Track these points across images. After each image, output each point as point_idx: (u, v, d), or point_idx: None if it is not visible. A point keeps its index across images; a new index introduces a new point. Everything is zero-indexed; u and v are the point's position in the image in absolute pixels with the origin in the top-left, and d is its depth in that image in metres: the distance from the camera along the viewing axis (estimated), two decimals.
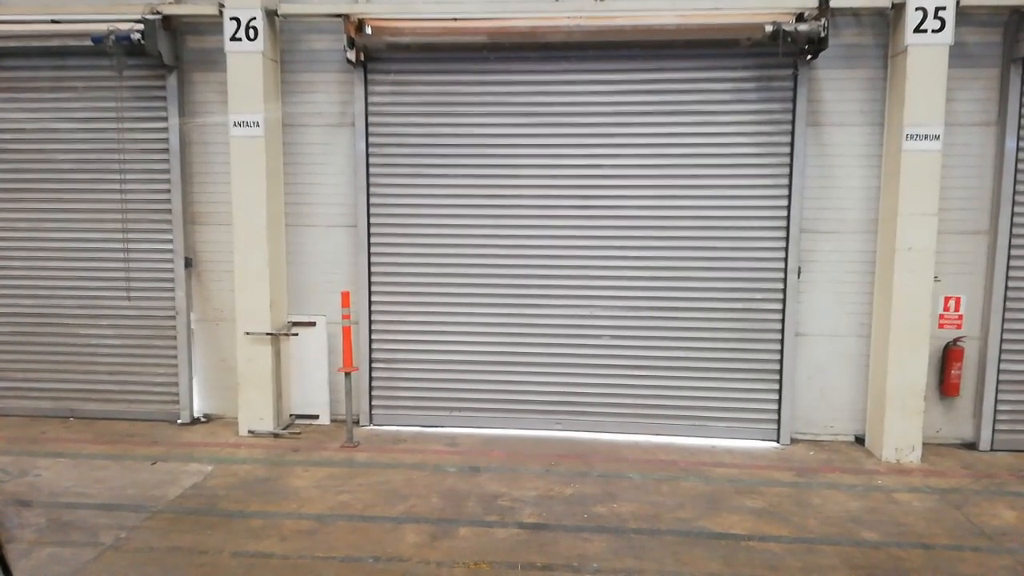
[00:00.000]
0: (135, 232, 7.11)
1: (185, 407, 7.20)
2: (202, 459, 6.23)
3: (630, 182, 6.75)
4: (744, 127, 6.65)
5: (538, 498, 5.43)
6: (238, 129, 6.64)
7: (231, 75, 6.61)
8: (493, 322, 7.01)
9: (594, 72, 6.72)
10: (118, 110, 6.98)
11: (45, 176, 7.15)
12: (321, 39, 6.98)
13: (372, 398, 7.20)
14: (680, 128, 6.68)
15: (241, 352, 6.82)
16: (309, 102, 7.06)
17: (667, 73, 6.67)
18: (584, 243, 6.84)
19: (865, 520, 5.11)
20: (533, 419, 7.03)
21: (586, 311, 6.89)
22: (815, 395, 6.80)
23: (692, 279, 6.76)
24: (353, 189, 7.03)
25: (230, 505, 5.29)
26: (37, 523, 4.98)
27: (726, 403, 6.82)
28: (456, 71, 6.84)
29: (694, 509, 5.26)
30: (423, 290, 7.06)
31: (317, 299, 7.20)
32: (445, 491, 5.56)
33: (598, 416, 6.96)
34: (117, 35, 6.59)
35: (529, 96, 6.80)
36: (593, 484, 5.71)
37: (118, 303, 7.21)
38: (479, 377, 7.07)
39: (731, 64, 6.62)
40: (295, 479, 5.80)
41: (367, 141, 6.97)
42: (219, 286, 7.19)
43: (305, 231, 7.16)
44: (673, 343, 6.83)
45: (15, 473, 5.86)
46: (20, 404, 7.40)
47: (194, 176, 7.12)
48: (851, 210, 6.64)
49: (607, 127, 6.73)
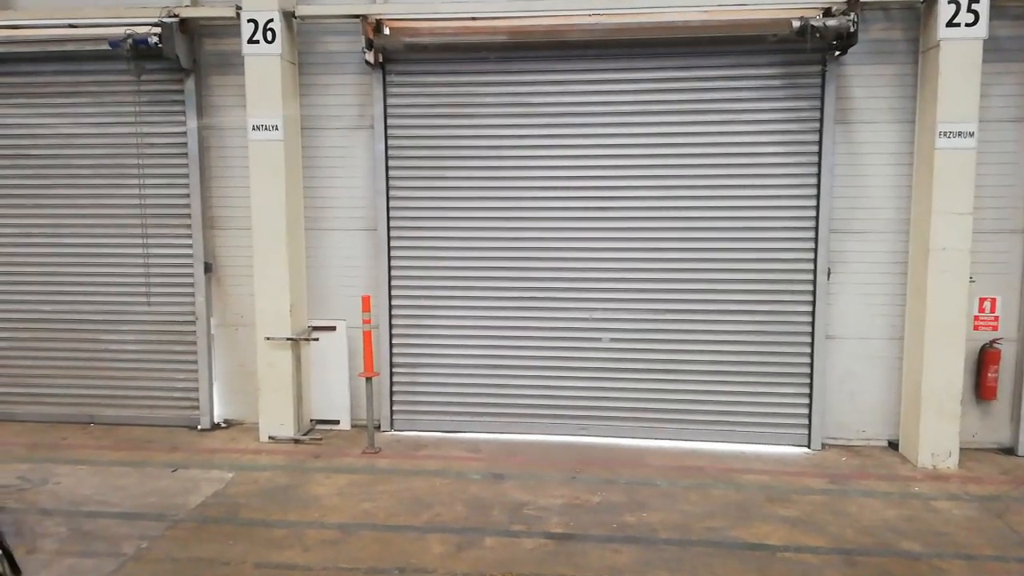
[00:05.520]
0: (154, 237, 7.07)
1: (205, 413, 7.14)
2: (223, 466, 6.16)
3: (654, 183, 6.62)
4: (770, 125, 6.50)
5: (564, 507, 5.31)
6: (257, 132, 6.57)
7: (249, 78, 6.55)
8: (514, 325, 6.90)
9: (616, 71, 6.60)
10: (136, 114, 6.94)
11: (64, 181, 7.13)
12: (339, 41, 6.91)
13: (393, 403, 7.11)
14: (705, 127, 6.54)
15: (261, 357, 6.75)
16: (327, 104, 6.98)
17: (691, 71, 6.53)
18: (608, 245, 6.71)
19: (903, 529, 4.95)
20: (556, 424, 6.91)
21: (609, 314, 6.76)
22: (846, 399, 6.63)
23: (719, 281, 6.62)
24: (372, 192, 6.95)
25: (252, 514, 5.21)
26: (58, 533, 4.92)
27: (755, 408, 6.66)
28: (475, 71, 6.74)
29: (725, 518, 5.12)
30: (444, 293, 6.96)
31: (337, 303, 7.12)
32: (469, 499, 5.45)
33: (623, 421, 6.83)
34: (135, 39, 6.53)
35: (550, 96, 6.68)
36: (620, 492, 5.58)
37: (138, 308, 7.17)
38: (501, 382, 6.95)
39: (757, 61, 6.47)
40: (317, 486, 5.72)
41: (386, 143, 6.88)
42: (238, 291, 7.13)
43: (324, 235, 7.09)
44: (700, 346, 6.68)
45: (36, 481, 5.82)
46: (40, 410, 7.37)
47: (213, 180, 7.06)
48: (882, 209, 6.47)
49: (630, 127, 6.60)
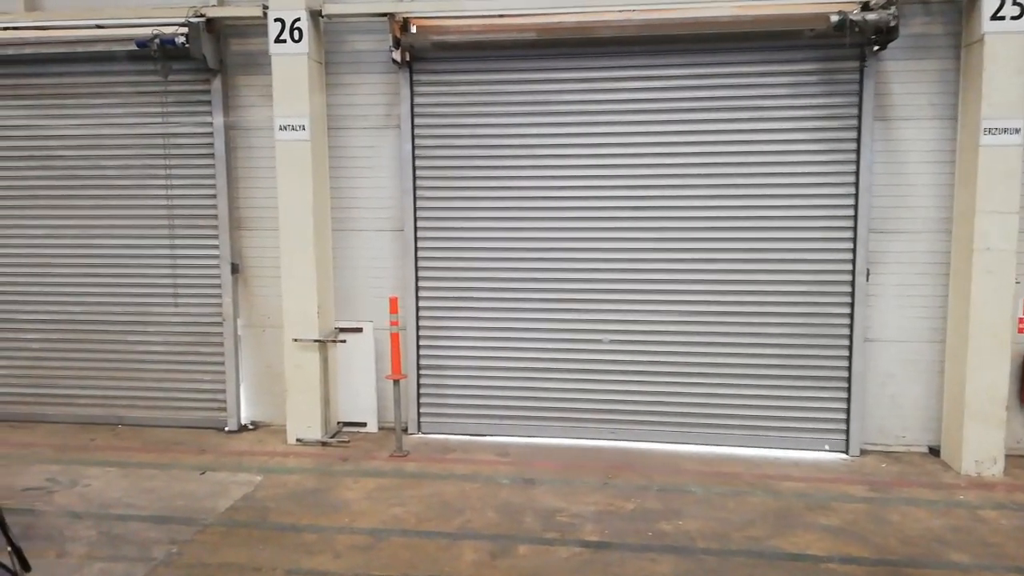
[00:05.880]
0: (182, 238, 7.04)
1: (232, 414, 7.11)
2: (251, 468, 6.11)
3: (686, 181, 6.48)
4: (806, 123, 6.33)
5: (598, 513, 5.20)
6: (284, 132, 6.52)
7: (276, 77, 6.50)
8: (543, 327, 6.79)
9: (646, 68, 6.47)
10: (163, 115, 6.92)
11: (93, 182, 7.12)
12: (365, 40, 6.84)
13: (420, 405, 7.03)
14: (738, 125, 6.39)
15: (289, 359, 6.70)
16: (354, 104, 6.92)
17: (724, 67, 6.38)
18: (637, 245, 6.58)
19: (951, 540, 4.78)
20: (586, 428, 6.79)
21: (640, 315, 6.63)
22: (885, 404, 6.45)
23: (754, 282, 6.46)
24: (399, 192, 6.88)
25: (281, 518, 5.15)
26: (88, 536, 4.89)
27: (791, 412, 6.49)
28: (503, 69, 6.64)
29: (765, 527, 4.98)
30: (471, 295, 6.86)
31: (363, 304, 7.05)
32: (500, 505, 5.36)
33: (655, 425, 6.69)
34: (162, 39, 6.51)
35: (578, 94, 6.56)
36: (654, 499, 5.46)
37: (165, 310, 7.15)
38: (529, 384, 6.84)
39: (792, 57, 6.31)
40: (346, 490, 5.65)
41: (413, 143, 6.80)
42: (265, 292, 7.09)
43: (350, 235, 7.02)
44: (734, 349, 6.53)
45: (65, 483, 5.81)
46: (69, 411, 7.38)
47: (239, 180, 7.03)
48: (922, 208, 6.29)
49: (661, 124, 6.47)
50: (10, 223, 7.26)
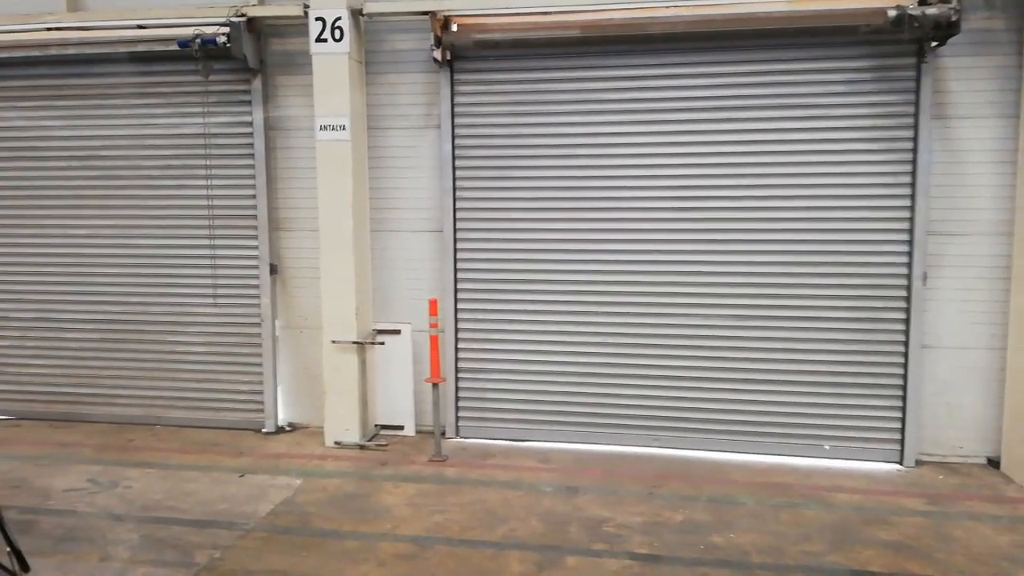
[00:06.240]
0: (221, 238, 7.01)
1: (270, 416, 7.06)
2: (290, 472, 6.05)
3: (736, 182, 6.29)
4: (860, 121, 6.12)
5: (646, 524, 5.04)
6: (324, 132, 6.45)
7: (317, 77, 6.43)
8: (585, 331, 6.64)
9: (695, 65, 6.29)
10: (204, 115, 6.89)
11: (133, 183, 7.11)
12: (406, 39, 6.75)
13: (458, 409, 6.92)
14: (790, 123, 6.19)
15: (327, 361, 6.63)
16: (393, 104, 6.84)
17: (776, 64, 6.18)
18: (684, 247, 6.41)
19: (1021, 559, 4.56)
20: (629, 435, 6.62)
21: (687, 319, 6.46)
22: (942, 413, 6.21)
23: (805, 286, 6.26)
24: (439, 193, 6.78)
25: (323, 524, 5.07)
26: (130, 539, 4.85)
27: (843, 421, 6.27)
28: (547, 68, 6.50)
29: (822, 541, 4.78)
30: (512, 297, 6.74)
31: (401, 306, 6.97)
32: (544, 513, 5.23)
33: (701, 433, 6.51)
34: (203, 38, 6.48)
35: (624, 92, 6.41)
36: (704, 510, 5.29)
37: (204, 310, 7.12)
38: (571, 389, 6.70)
39: (846, 53, 6.10)
40: (386, 495, 5.56)
41: (453, 143, 6.69)
42: (303, 293, 7.03)
43: (388, 236, 6.94)
44: (783, 355, 6.32)
45: (106, 484, 5.79)
46: (108, 411, 7.39)
47: (278, 181, 6.98)
48: (983, 210, 6.04)
49: (709, 123, 6.29)
50: (53, 223, 7.28)
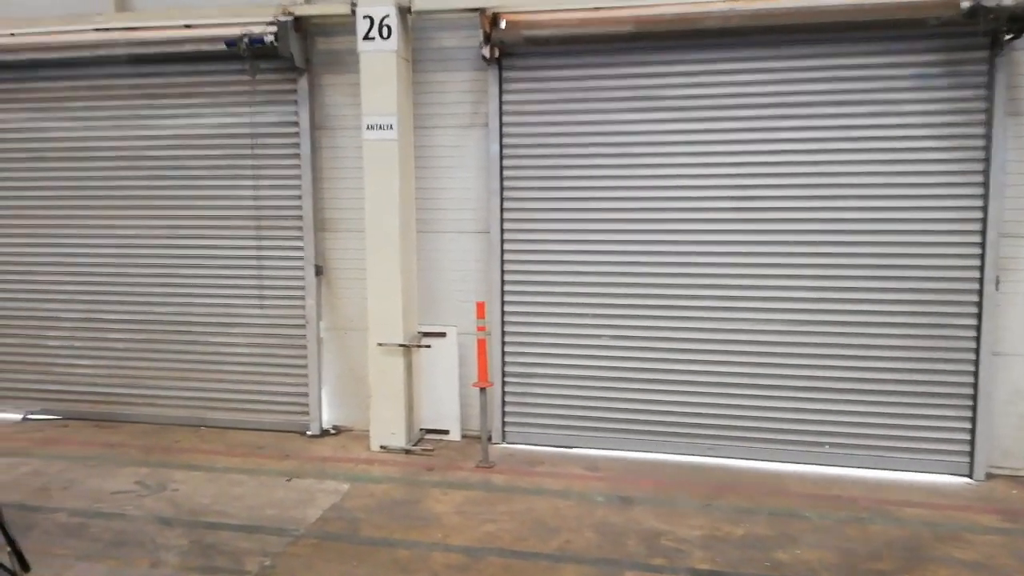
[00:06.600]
0: (267, 239, 6.96)
1: (315, 418, 6.99)
2: (336, 476, 5.97)
3: (797, 181, 6.05)
4: (928, 118, 5.84)
5: (705, 539, 4.85)
6: (371, 132, 6.35)
7: (364, 76, 6.34)
8: (637, 335, 6.45)
9: (751, 60, 6.07)
10: (250, 115, 6.84)
11: (179, 183, 7.10)
12: (452, 36, 6.63)
13: (505, 414, 6.78)
14: (851, 120, 5.93)
15: (373, 364, 6.54)
16: (439, 102, 6.72)
17: (836, 59, 5.93)
18: (741, 249, 6.19)
19: None
20: (682, 443, 6.42)
21: (744, 324, 6.24)
22: (1013, 423, 5.90)
23: (868, 290, 6.00)
24: (486, 193, 6.64)
25: (372, 531, 4.97)
26: (180, 545, 4.80)
27: (908, 431, 6.00)
28: (598, 64, 6.33)
29: (893, 559, 4.55)
30: (560, 300, 6.58)
31: (446, 308, 6.85)
32: (598, 525, 5.06)
33: (757, 442, 6.28)
34: (250, 38, 6.43)
35: (679, 89, 6.20)
36: (765, 524, 5.08)
37: (249, 311, 7.08)
38: (621, 395, 6.52)
39: (913, 47, 5.83)
40: (434, 503, 5.45)
41: (501, 142, 6.55)
42: (348, 294, 6.95)
43: (434, 237, 6.83)
44: (846, 362, 6.06)
45: (154, 487, 5.76)
46: (153, 411, 7.39)
47: (324, 181, 6.91)
48: None
49: (767, 120, 6.06)
50: (100, 223, 7.29)
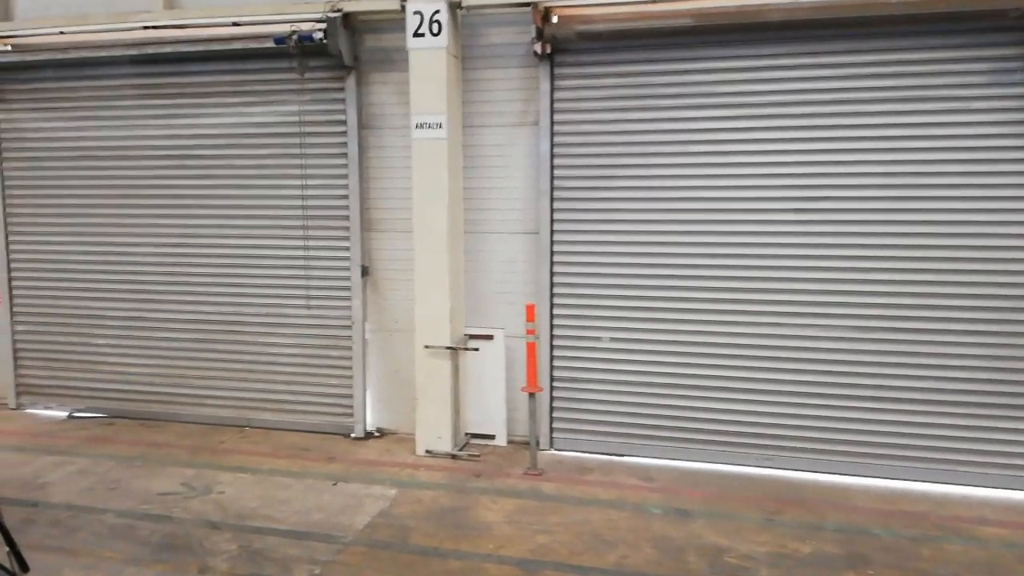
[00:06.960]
0: (314, 239, 6.88)
1: (359, 420, 6.90)
2: (383, 480, 5.86)
3: (862, 181, 5.78)
4: (1007, 115, 5.52)
5: (771, 556, 4.62)
6: (420, 131, 6.23)
7: (413, 73, 6.21)
8: (691, 340, 6.23)
9: (816, 55, 5.81)
10: (299, 113, 6.77)
11: (227, 182, 7.06)
12: (502, 32, 6.48)
13: (553, 420, 6.61)
14: (923, 118, 5.65)
15: (419, 367, 6.41)
16: (488, 100, 6.57)
17: (907, 53, 5.65)
18: (804, 252, 5.93)
19: None
20: (739, 454, 6.18)
21: (809, 330, 5.98)
22: None
23: (941, 295, 5.70)
24: (535, 193, 6.48)
25: (422, 540, 4.84)
26: (228, 550, 4.72)
27: (983, 444, 5.68)
28: (653, 60, 6.12)
29: None
30: (612, 303, 6.38)
31: (493, 310, 6.70)
32: (656, 539, 4.86)
33: (820, 454, 6.00)
34: (300, 35, 6.35)
35: (739, 85, 5.97)
36: (832, 541, 4.83)
37: (296, 312, 7.01)
38: (674, 403, 6.30)
39: (990, 40, 5.52)
40: (484, 511, 5.30)
41: (552, 141, 6.38)
42: (395, 295, 6.84)
43: (481, 238, 6.68)
44: (916, 371, 5.77)
45: (200, 489, 5.71)
46: (199, 411, 7.37)
47: (371, 180, 6.81)
48: None
49: (833, 118, 5.79)
50: (148, 222, 7.29)
